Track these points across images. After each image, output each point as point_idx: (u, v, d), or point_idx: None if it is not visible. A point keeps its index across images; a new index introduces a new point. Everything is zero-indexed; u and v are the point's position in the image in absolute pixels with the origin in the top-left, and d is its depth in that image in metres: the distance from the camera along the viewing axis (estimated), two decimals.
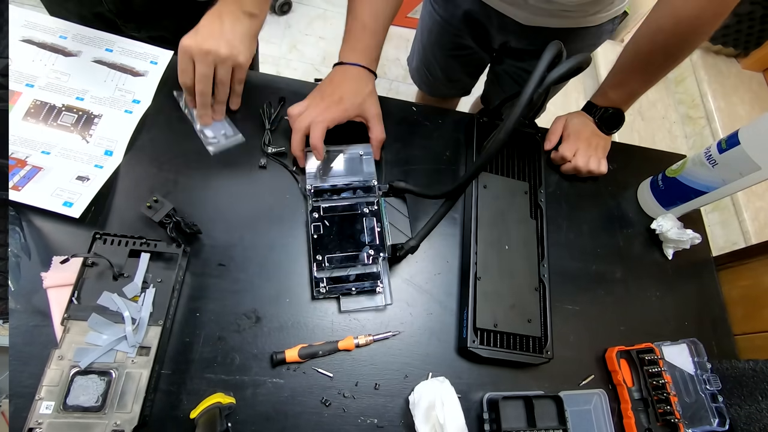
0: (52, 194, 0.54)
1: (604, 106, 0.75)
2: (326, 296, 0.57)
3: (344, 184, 0.62)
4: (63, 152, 0.58)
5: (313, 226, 0.59)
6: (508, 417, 0.54)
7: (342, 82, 0.63)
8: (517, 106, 0.43)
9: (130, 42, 0.67)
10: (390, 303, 0.58)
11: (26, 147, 0.57)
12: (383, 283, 0.58)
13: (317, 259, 0.57)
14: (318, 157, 0.61)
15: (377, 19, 0.64)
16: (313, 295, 0.57)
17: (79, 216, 0.53)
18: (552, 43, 0.43)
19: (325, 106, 0.61)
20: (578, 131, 0.75)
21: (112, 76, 0.64)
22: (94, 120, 0.61)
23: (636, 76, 0.71)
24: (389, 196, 0.62)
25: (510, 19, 0.79)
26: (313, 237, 0.58)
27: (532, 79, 0.42)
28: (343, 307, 0.57)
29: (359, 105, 0.62)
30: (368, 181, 0.63)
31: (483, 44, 0.92)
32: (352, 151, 0.65)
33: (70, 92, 0.62)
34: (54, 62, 0.63)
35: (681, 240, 0.70)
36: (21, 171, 0.55)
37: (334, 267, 0.57)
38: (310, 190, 0.61)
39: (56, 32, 0.65)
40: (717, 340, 0.69)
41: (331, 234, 0.59)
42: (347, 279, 0.57)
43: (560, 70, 0.42)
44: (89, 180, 0.56)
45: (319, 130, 0.59)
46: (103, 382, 0.46)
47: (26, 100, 0.60)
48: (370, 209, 0.61)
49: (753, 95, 2.19)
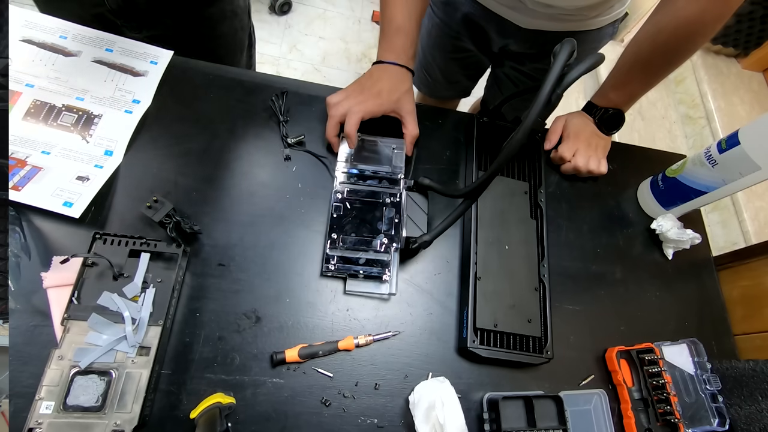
0: (52, 194, 0.54)
1: (605, 106, 0.75)
2: (334, 274, 0.58)
3: (372, 172, 0.65)
4: (63, 152, 0.58)
5: (334, 206, 0.61)
6: (508, 417, 0.54)
7: (381, 78, 0.65)
8: (535, 106, 0.43)
9: (130, 42, 0.67)
10: (394, 293, 0.59)
11: (26, 147, 0.57)
12: (391, 273, 0.59)
13: (332, 237, 0.59)
14: (350, 144, 0.63)
15: (411, 18, 0.65)
16: (322, 271, 0.58)
17: (79, 216, 0.54)
18: (565, 41, 0.43)
19: (363, 98, 0.64)
20: (578, 131, 0.75)
21: (113, 76, 0.64)
22: (94, 120, 0.61)
23: (637, 77, 0.71)
24: (413, 191, 0.64)
25: (509, 22, 0.79)
26: (333, 216, 0.60)
27: (549, 78, 0.42)
28: (348, 288, 0.58)
29: (396, 101, 0.65)
30: (396, 174, 0.65)
31: (482, 47, 0.92)
32: (386, 143, 0.67)
33: (70, 92, 0.62)
34: (54, 62, 0.63)
35: (681, 240, 0.70)
36: (21, 171, 0.55)
37: (347, 248, 0.59)
38: (342, 172, 0.63)
39: (56, 32, 0.65)
40: (717, 340, 0.69)
41: (350, 216, 0.61)
42: (357, 261, 0.58)
43: (580, 69, 0.42)
44: (89, 180, 0.56)
45: (355, 120, 0.62)
46: (103, 382, 0.46)
47: (26, 100, 0.60)
48: (392, 200, 0.63)
49: (753, 95, 2.19)
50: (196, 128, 0.64)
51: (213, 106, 0.66)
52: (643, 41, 0.67)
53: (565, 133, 0.76)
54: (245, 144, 0.65)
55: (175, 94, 0.66)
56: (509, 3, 0.76)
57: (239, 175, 0.63)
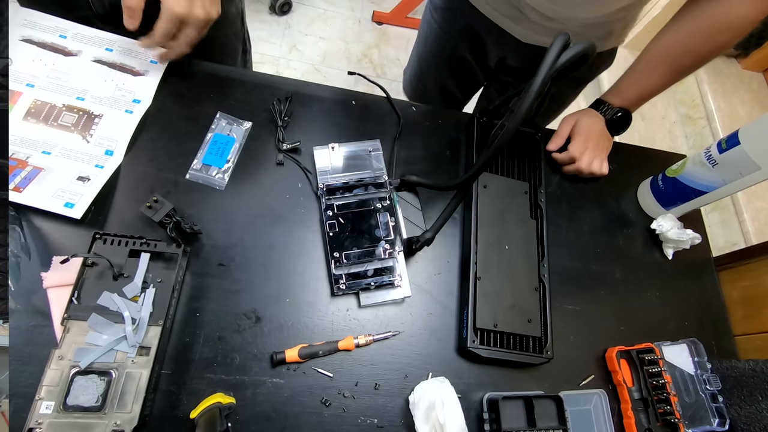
0: (54, 195, 0.54)
1: (619, 106, 0.75)
2: (346, 292, 0.58)
3: (356, 181, 0.63)
4: (64, 152, 0.58)
5: (328, 224, 0.60)
6: (508, 417, 0.54)
7: None
8: (527, 96, 0.42)
9: (130, 41, 0.67)
10: (409, 295, 0.59)
11: (27, 147, 0.57)
12: (402, 276, 0.59)
13: (335, 257, 0.58)
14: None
15: None
16: (334, 292, 0.57)
17: (80, 217, 0.54)
18: (560, 34, 0.43)
19: None
20: (589, 130, 0.74)
21: (113, 75, 0.64)
22: (95, 120, 0.61)
23: (661, 77, 0.70)
24: (401, 190, 0.63)
25: (509, 35, 0.78)
26: (329, 235, 0.59)
27: (543, 65, 0.42)
28: (363, 302, 0.58)
29: None
30: (379, 177, 0.64)
31: (480, 59, 0.90)
32: (360, 147, 0.66)
33: (70, 92, 0.62)
34: (54, 62, 0.63)
35: (681, 240, 0.70)
36: (22, 172, 0.55)
37: (352, 263, 0.58)
38: (323, 188, 0.62)
39: (56, 31, 0.64)
40: (717, 340, 0.69)
41: (346, 231, 0.60)
42: (365, 275, 0.58)
43: (569, 53, 0.42)
44: (90, 180, 0.56)
45: None
46: (103, 382, 0.46)
47: (27, 100, 0.60)
48: (383, 204, 0.61)
49: (753, 95, 2.19)
50: (196, 128, 0.64)
51: (213, 106, 0.66)
52: (673, 44, 0.66)
53: (575, 131, 0.75)
54: (245, 144, 0.65)
55: (175, 94, 0.66)
56: (510, 14, 0.75)
57: (240, 174, 0.63)
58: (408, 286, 0.59)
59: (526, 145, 0.73)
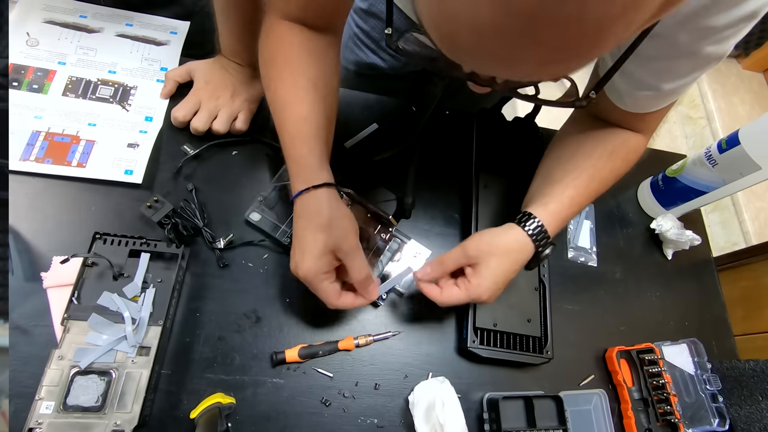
0: (112, 165, 0.58)
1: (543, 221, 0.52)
2: (382, 297, 0.59)
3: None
4: (108, 122, 0.61)
5: None
6: (508, 417, 0.54)
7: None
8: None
9: (148, 16, 0.69)
10: (429, 254, 0.62)
11: (73, 121, 0.59)
12: (408, 238, 0.62)
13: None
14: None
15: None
16: (376, 304, 0.59)
17: (141, 181, 0.57)
18: None
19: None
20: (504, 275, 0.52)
21: (137, 47, 0.67)
22: (131, 91, 0.64)
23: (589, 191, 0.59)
24: (351, 195, 0.59)
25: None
26: None
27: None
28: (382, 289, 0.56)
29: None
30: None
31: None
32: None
33: (101, 66, 0.64)
34: (79, 39, 0.65)
35: (680, 241, 0.70)
36: (78, 147, 0.58)
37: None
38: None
39: (75, 12, 0.67)
40: (717, 340, 0.69)
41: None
42: (384, 276, 0.60)
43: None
44: (139, 146, 0.60)
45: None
46: (103, 382, 0.46)
47: (62, 77, 0.62)
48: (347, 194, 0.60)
49: (753, 95, 2.19)
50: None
51: None
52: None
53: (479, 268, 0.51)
54: (246, 144, 0.65)
55: (176, 94, 0.66)
56: None
57: (240, 174, 0.63)
58: (420, 246, 0.62)
59: (526, 144, 0.73)
